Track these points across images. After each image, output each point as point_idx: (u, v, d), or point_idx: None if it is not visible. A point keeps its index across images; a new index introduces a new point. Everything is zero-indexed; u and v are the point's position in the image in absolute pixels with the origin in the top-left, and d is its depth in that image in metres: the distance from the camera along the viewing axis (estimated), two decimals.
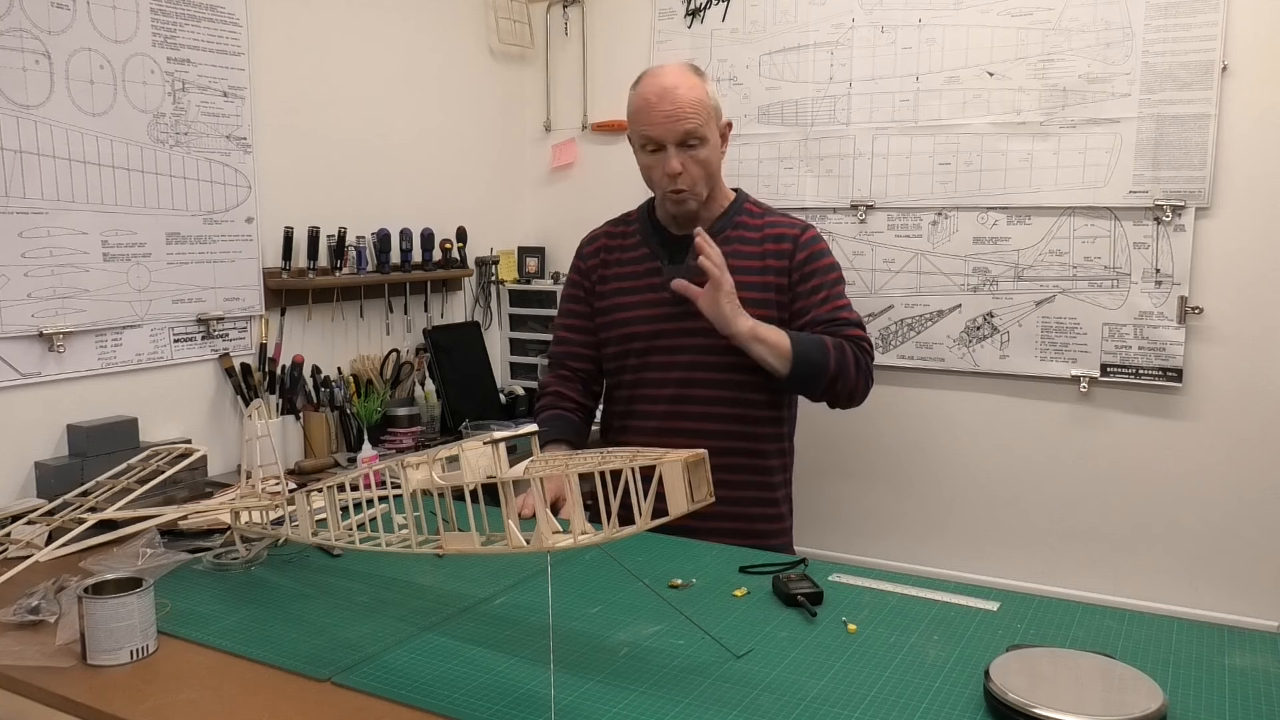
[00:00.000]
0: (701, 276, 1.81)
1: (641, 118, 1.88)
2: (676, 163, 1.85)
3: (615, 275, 2.04)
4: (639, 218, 2.06)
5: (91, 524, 1.62)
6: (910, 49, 2.79)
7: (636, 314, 1.98)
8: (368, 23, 2.82)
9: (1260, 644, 1.21)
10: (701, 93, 1.86)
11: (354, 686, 1.12)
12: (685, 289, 1.81)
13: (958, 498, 2.87)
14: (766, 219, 1.99)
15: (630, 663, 1.17)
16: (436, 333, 3.02)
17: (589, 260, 2.08)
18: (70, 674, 1.17)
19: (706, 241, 1.78)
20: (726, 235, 1.94)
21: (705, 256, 1.77)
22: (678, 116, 1.83)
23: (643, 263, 2.01)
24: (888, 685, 1.11)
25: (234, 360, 2.45)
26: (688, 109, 1.84)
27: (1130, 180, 2.55)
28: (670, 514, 1.05)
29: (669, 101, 1.84)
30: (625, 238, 2.06)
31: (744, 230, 1.97)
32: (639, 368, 1.99)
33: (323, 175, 2.70)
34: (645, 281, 1.99)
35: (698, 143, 1.86)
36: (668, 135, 1.85)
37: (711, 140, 1.89)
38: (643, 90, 1.89)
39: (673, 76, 1.87)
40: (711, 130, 1.89)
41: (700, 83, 1.88)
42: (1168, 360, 2.56)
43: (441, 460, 1.19)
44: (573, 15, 3.35)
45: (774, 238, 1.96)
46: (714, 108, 1.90)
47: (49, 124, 2.05)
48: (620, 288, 2.02)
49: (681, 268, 1.92)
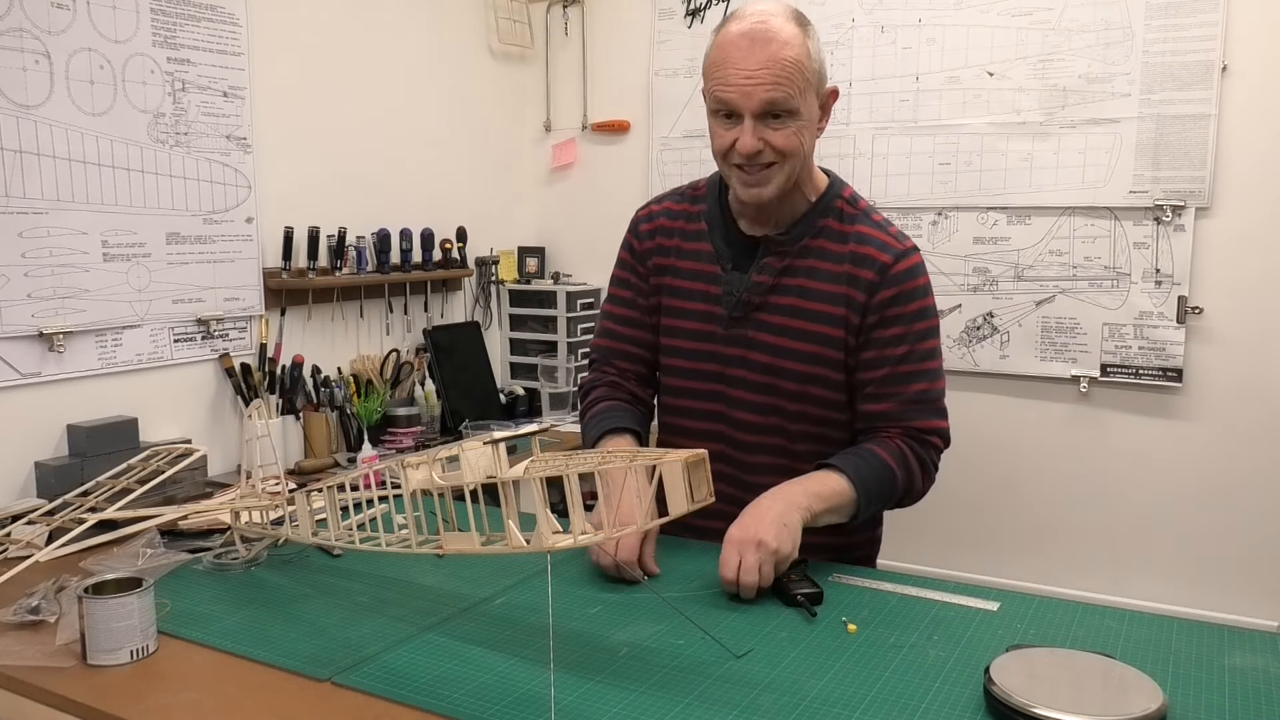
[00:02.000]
0: (761, 295, 1.52)
1: (716, 73, 1.43)
2: (752, 138, 1.42)
3: (672, 268, 1.62)
4: (708, 195, 1.62)
5: (91, 524, 1.62)
6: (910, 49, 2.79)
7: (685, 324, 1.60)
8: (368, 23, 2.82)
9: (1260, 644, 1.21)
10: (801, 50, 1.41)
11: (354, 686, 1.12)
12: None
13: (958, 498, 2.87)
14: (857, 228, 1.53)
15: (630, 663, 1.17)
16: (436, 333, 3.02)
17: (644, 241, 1.66)
18: (70, 674, 1.16)
19: (749, 584, 1.34)
20: (804, 246, 1.52)
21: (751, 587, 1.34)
22: (762, 80, 1.39)
23: (702, 259, 1.59)
24: (888, 685, 1.11)
25: (234, 360, 2.45)
26: (777, 71, 1.39)
27: (1130, 180, 2.55)
28: (670, 514, 1.05)
29: (755, 59, 1.39)
30: (689, 219, 1.63)
31: (826, 240, 1.53)
32: (677, 391, 1.64)
33: (323, 175, 2.70)
34: (702, 287, 1.58)
35: (785, 115, 1.42)
36: (745, 103, 1.41)
37: (806, 114, 1.44)
38: (726, 37, 1.43)
39: (765, 26, 1.40)
40: (807, 102, 1.43)
41: (801, 36, 1.42)
42: (1168, 360, 2.56)
43: (441, 460, 1.19)
44: (573, 15, 3.35)
45: (859, 258, 1.51)
46: (815, 71, 1.44)
47: (49, 124, 2.05)
48: (674, 286, 1.62)
49: (743, 279, 1.54)
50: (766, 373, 1.54)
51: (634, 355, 1.68)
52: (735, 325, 1.55)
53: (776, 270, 1.53)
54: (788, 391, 1.54)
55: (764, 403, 1.55)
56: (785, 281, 1.53)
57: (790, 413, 1.55)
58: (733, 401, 1.58)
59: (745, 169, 1.46)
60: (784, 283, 1.53)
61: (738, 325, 1.55)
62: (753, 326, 1.55)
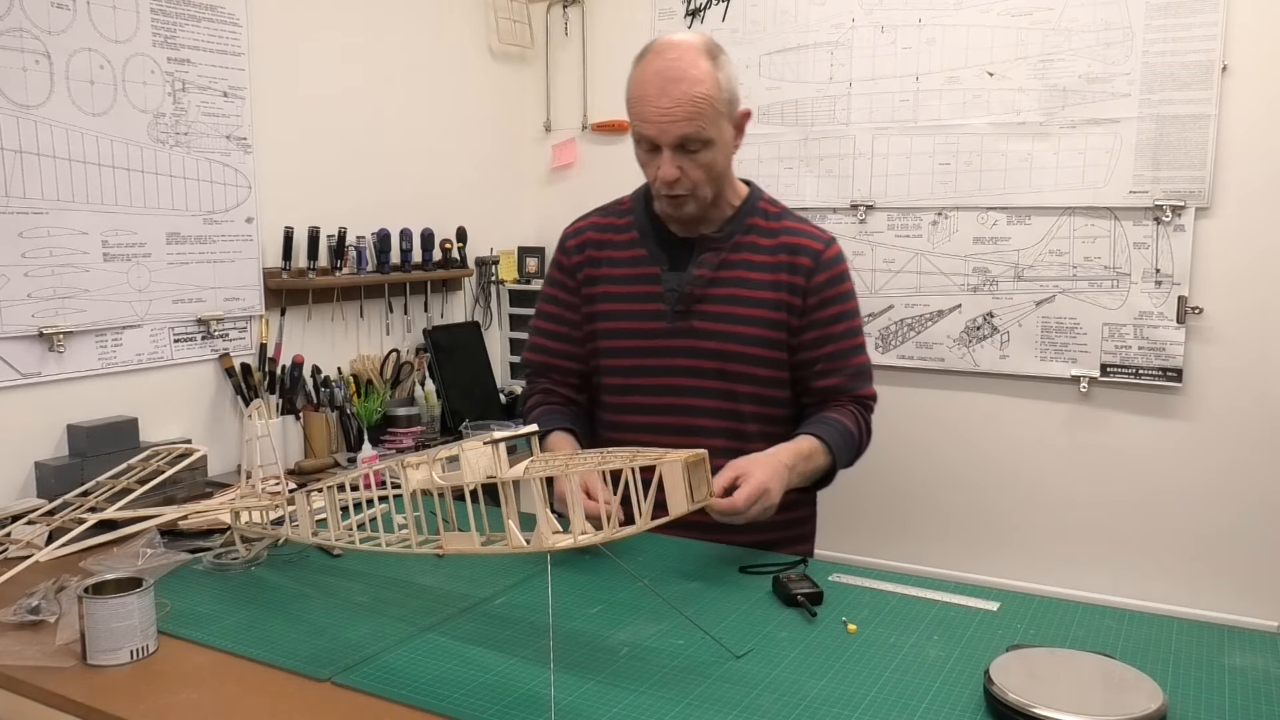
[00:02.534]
0: (702, 287, 1.66)
1: (635, 108, 1.60)
2: (671, 167, 1.58)
3: (606, 276, 1.76)
4: (634, 208, 1.77)
5: (91, 524, 1.62)
6: (910, 49, 2.79)
7: (627, 325, 1.72)
8: (368, 23, 2.82)
9: (1260, 644, 1.21)
10: (711, 85, 1.55)
11: (354, 686, 1.12)
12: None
13: (958, 497, 2.87)
14: (784, 223, 1.72)
15: (630, 663, 1.17)
16: (436, 333, 3.02)
17: (573, 256, 1.80)
18: (70, 674, 1.16)
19: (723, 511, 1.44)
20: (736, 242, 1.69)
21: (734, 513, 1.44)
22: (675, 117, 1.54)
23: (638, 264, 1.73)
24: (888, 685, 1.11)
25: (234, 360, 2.45)
26: (688, 108, 1.54)
27: (1130, 180, 2.55)
28: (670, 514, 1.05)
29: (668, 98, 1.54)
30: (617, 231, 1.77)
31: (756, 236, 1.70)
32: (624, 389, 1.74)
33: (323, 175, 2.70)
34: (641, 289, 1.72)
35: (700, 146, 1.57)
36: (663, 138, 1.57)
37: (719, 140, 1.59)
38: (643, 74, 1.59)
39: (677, 65, 1.55)
40: (719, 128, 1.59)
41: (711, 71, 1.56)
42: (1168, 360, 2.56)
43: (441, 460, 1.19)
44: (573, 15, 3.35)
45: (791, 248, 1.69)
46: (726, 100, 1.59)
47: (49, 124, 2.05)
48: (610, 292, 1.75)
49: (683, 276, 1.68)
50: (716, 358, 1.67)
51: (566, 367, 1.81)
52: (680, 318, 1.69)
53: (714, 265, 1.69)
54: (738, 374, 1.68)
55: (716, 387, 1.68)
56: (723, 274, 1.69)
57: (742, 395, 1.69)
58: (683, 390, 1.70)
59: (670, 196, 1.63)
60: (722, 275, 1.69)
61: (682, 318, 1.69)
62: (697, 318, 1.68)
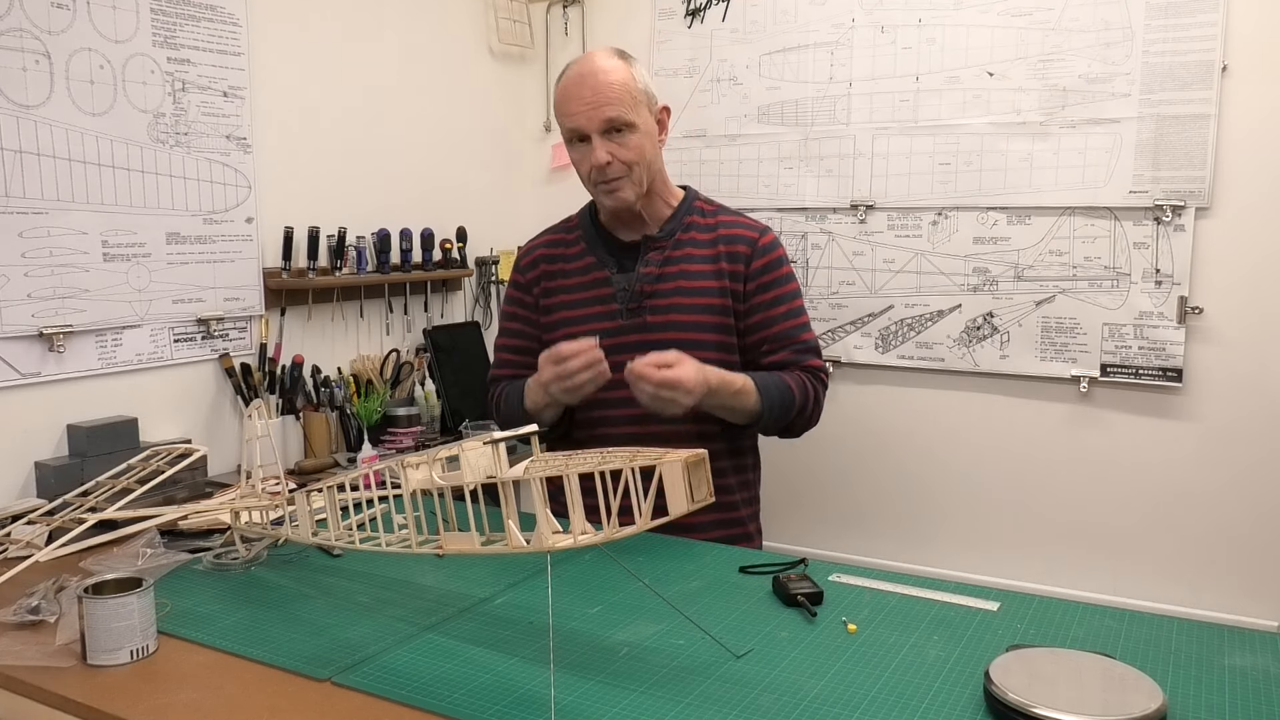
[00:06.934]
0: (651, 284, 1.78)
1: (563, 108, 1.76)
2: (603, 152, 1.72)
3: (560, 288, 1.88)
4: (580, 223, 1.92)
5: (91, 524, 1.62)
6: (910, 49, 2.79)
7: (585, 328, 1.80)
8: (368, 22, 2.82)
9: (1260, 644, 1.21)
10: (625, 75, 1.73)
11: (354, 686, 1.12)
12: (634, 384, 1.61)
13: (958, 497, 2.87)
14: (720, 218, 1.87)
15: (630, 663, 1.17)
16: (436, 333, 3.02)
17: (528, 273, 1.93)
18: (70, 674, 1.17)
19: (642, 373, 1.60)
20: (678, 239, 1.83)
21: (644, 378, 1.59)
22: (598, 103, 1.70)
23: (589, 272, 1.86)
24: (888, 685, 1.11)
25: (234, 360, 2.45)
26: (607, 93, 1.70)
27: (1130, 180, 2.55)
28: (670, 514, 1.05)
29: (588, 88, 1.71)
30: (567, 245, 1.91)
31: (695, 231, 1.84)
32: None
33: (323, 175, 2.69)
34: (594, 293, 1.85)
35: (625, 128, 1.72)
36: (589, 124, 1.72)
37: (642, 126, 1.74)
38: (565, 81, 1.77)
39: (593, 62, 1.74)
40: (641, 115, 1.74)
41: (624, 65, 1.75)
42: (1168, 360, 2.56)
43: (441, 460, 1.20)
44: (573, 15, 3.35)
45: (728, 239, 1.83)
46: (643, 91, 1.76)
47: (49, 124, 2.05)
48: (566, 300, 1.87)
49: (632, 276, 1.82)
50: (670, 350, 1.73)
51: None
52: (633, 315, 1.81)
53: (660, 262, 1.82)
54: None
55: None
56: (669, 270, 1.82)
57: None
58: None
59: (605, 181, 1.76)
60: (668, 271, 1.82)
61: (635, 315, 1.81)
62: (649, 312, 1.81)
